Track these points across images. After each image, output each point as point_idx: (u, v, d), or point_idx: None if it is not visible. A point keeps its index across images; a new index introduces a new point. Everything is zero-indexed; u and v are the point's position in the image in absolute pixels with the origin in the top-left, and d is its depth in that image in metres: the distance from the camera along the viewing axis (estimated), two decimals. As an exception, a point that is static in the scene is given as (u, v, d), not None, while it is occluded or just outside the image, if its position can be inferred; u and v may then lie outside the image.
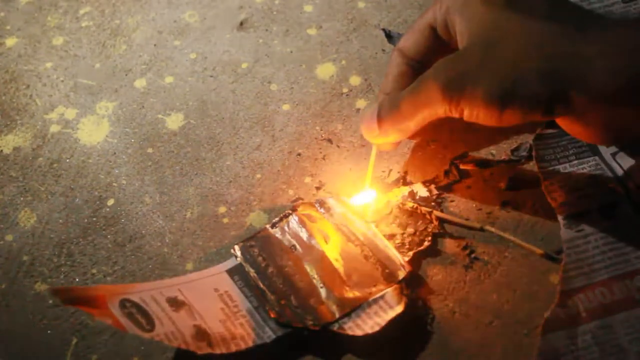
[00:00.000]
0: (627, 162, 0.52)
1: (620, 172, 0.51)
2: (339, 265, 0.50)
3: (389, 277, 0.49)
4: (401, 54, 0.51)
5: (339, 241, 0.51)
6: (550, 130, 0.54)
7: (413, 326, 0.48)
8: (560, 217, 0.50)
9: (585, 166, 0.52)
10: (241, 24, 0.64)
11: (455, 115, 0.46)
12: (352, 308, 0.48)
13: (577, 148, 0.53)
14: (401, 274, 0.49)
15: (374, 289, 0.49)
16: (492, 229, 0.51)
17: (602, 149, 0.53)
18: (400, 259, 0.49)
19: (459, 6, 0.47)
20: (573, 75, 0.43)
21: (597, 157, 0.52)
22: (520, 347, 0.47)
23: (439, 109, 0.46)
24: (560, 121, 0.47)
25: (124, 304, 0.47)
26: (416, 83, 0.47)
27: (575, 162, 0.52)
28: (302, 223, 0.52)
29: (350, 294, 0.49)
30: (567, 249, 0.49)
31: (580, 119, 0.45)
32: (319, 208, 0.52)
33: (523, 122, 0.46)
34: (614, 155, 0.52)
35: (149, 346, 0.48)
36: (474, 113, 0.45)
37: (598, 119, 0.45)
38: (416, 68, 0.50)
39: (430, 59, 0.49)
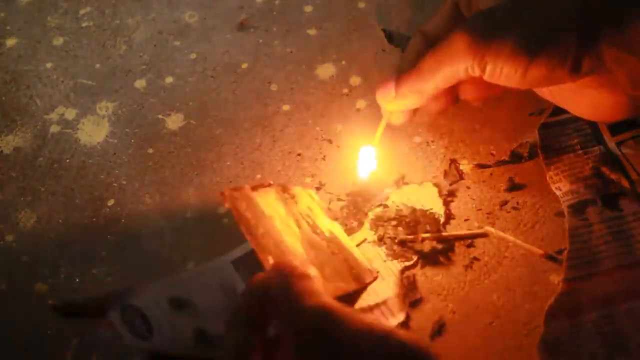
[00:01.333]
0: (631, 152, 0.52)
1: (624, 162, 0.51)
2: (309, 252, 0.48)
3: (357, 278, 0.48)
4: (422, 34, 0.50)
5: (306, 230, 0.49)
6: (555, 118, 0.54)
7: (413, 326, 0.48)
8: (564, 206, 0.50)
9: (590, 155, 0.52)
10: (241, 24, 0.64)
11: (477, 72, 0.45)
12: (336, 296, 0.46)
13: (582, 137, 0.53)
14: (368, 279, 0.48)
15: (343, 285, 0.47)
16: (493, 230, 0.51)
17: (607, 138, 0.53)
18: (367, 264, 0.49)
19: None
20: (608, 24, 0.42)
21: (601, 147, 0.52)
22: (520, 347, 0.47)
23: (461, 65, 0.45)
24: (577, 95, 0.46)
25: (124, 309, 0.47)
26: (441, 40, 0.46)
27: (580, 151, 0.53)
28: (279, 199, 0.50)
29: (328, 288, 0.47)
30: (571, 237, 0.49)
31: (604, 83, 0.44)
32: (282, 193, 0.50)
33: (548, 82, 0.45)
34: (618, 145, 0.52)
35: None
36: (498, 68, 0.44)
37: (622, 81, 0.44)
38: None
39: None
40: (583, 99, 0.46)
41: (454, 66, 0.46)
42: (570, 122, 0.54)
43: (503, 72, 0.44)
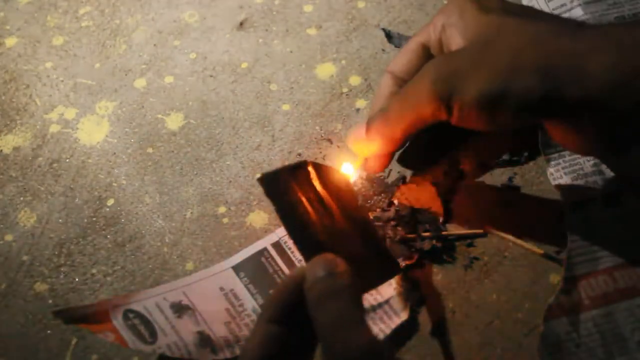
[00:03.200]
0: (632, 151, 0.52)
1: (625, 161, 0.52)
2: (343, 243, 0.44)
3: (384, 271, 0.46)
4: (392, 75, 0.50)
5: (338, 215, 0.46)
6: None
7: (413, 326, 0.48)
8: (565, 203, 0.50)
9: None
10: (241, 24, 0.64)
11: (443, 117, 0.45)
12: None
13: None
14: (395, 272, 0.47)
15: (370, 281, 0.44)
16: (492, 229, 0.51)
17: None
18: (392, 256, 0.48)
19: (454, 20, 0.46)
20: (568, 69, 0.42)
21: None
22: (520, 347, 0.47)
23: (427, 110, 0.45)
24: (552, 128, 0.46)
25: (127, 315, 0.48)
26: (406, 85, 0.46)
27: None
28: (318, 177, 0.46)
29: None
30: (571, 235, 0.49)
31: (573, 125, 0.44)
32: (316, 172, 0.46)
33: (514, 124, 0.45)
34: None
35: (149, 346, 0.48)
36: (464, 113, 0.44)
37: (590, 125, 0.44)
38: None
39: None
40: (554, 132, 0.46)
41: (421, 112, 0.45)
42: None
43: (470, 117, 0.44)
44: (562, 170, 0.52)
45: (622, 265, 0.48)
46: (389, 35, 0.62)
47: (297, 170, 0.44)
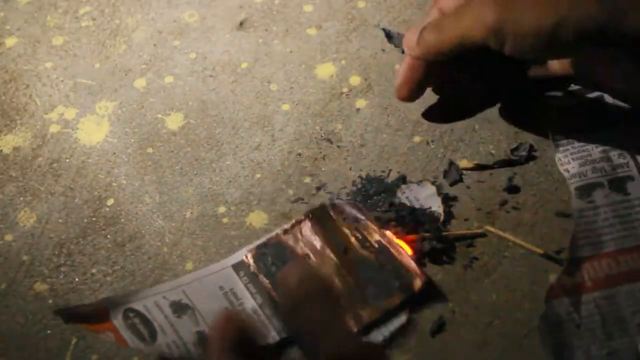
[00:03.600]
0: None
1: (633, 146, 0.52)
2: (352, 276, 0.48)
3: (405, 287, 0.48)
4: (440, 12, 0.50)
5: (353, 249, 0.50)
6: (565, 103, 0.54)
7: (413, 326, 0.48)
8: (571, 188, 0.51)
9: (599, 138, 0.53)
10: (241, 24, 0.64)
11: (491, 45, 0.45)
12: (369, 322, 0.47)
13: (592, 120, 0.54)
14: (417, 285, 0.48)
15: (389, 301, 0.47)
16: (492, 229, 0.51)
17: (617, 122, 0.53)
18: (416, 268, 0.48)
19: None
20: None
21: (611, 130, 0.53)
22: (520, 347, 0.47)
23: (477, 35, 0.45)
24: (595, 62, 0.46)
25: (126, 314, 0.48)
26: (463, 6, 0.47)
27: (589, 134, 0.53)
28: (315, 230, 0.50)
29: (366, 311, 0.47)
30: (577, 218, 0.49)
31: (623, 54, 0.44)
32: (330, 211, 0.51)
33: (570, 54, 0.45)
34: (628, 129, 0.53)
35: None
36: (520, 41, 0.44)
37: None
38: None
39: None
40: (615, 70, 0.46)
41: (471, 34, 0.46)
42: (582, 105, 0.54)
43: (525, 47, 0.44)
44: (571, 156, 0.52)
45: (627, 250, 0.48)
46: (389, 35, 0.62)
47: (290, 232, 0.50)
